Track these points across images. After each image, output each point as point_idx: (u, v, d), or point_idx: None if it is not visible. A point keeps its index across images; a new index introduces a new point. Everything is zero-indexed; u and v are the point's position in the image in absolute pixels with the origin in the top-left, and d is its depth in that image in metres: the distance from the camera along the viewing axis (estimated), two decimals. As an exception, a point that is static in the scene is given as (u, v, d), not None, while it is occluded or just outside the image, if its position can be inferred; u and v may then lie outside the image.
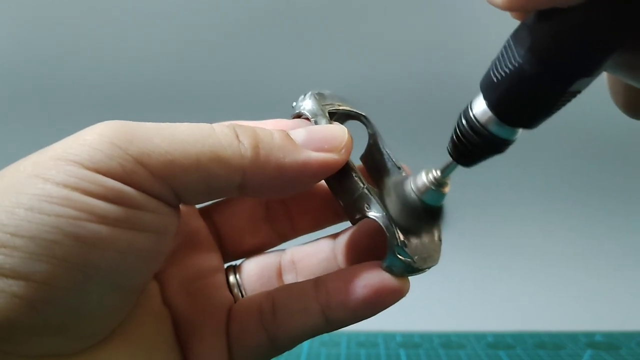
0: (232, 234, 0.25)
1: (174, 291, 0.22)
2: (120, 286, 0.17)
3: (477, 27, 0.62)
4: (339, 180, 0.21)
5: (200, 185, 0.18)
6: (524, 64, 0.15)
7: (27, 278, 0.15)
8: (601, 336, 0.43)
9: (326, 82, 0.63)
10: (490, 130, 0.17)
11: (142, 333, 0.20)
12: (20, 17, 0.63)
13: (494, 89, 0.16)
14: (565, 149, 0.65)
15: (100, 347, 0.18)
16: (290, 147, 0.19)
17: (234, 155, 0.18)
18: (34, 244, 0.15)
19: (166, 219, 0.18)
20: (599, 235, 0.61)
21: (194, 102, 0.64)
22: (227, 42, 0.64)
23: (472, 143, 0.18)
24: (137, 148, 0.17)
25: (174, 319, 0.21)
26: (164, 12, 0.63)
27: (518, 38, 0.16)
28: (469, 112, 0.18)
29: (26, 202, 0.15)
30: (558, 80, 0.15)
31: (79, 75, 0.64)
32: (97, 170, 0.16)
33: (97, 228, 0.16)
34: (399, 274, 0.20)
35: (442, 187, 0.20)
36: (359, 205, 0.20)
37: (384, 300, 0.20)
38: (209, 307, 0.22)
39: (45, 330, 0.16)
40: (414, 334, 0.43)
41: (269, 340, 0.21)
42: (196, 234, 0.24)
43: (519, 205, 0.64)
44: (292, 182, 0.19)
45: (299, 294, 0.21)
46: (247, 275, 0.24)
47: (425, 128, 0.63)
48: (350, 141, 0.21)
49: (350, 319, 0.20)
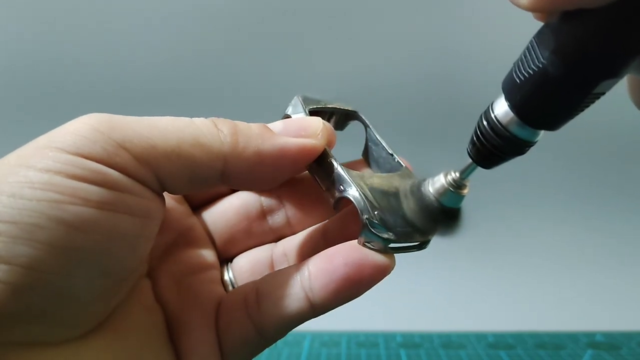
0: (228, 233, 0.25)
1: (166, 287, 0.22)
2: (106, 271, 0.17)
3: (480, 27, 0.62)
4: (318, 167, 0.22)
5: (182, 172, 0.18)
6: (548, 65, 0.15)
7: (10, 262, 0.15)
8: (601, 336, 0.43)
9: (325, 83, 0.63)
10: (512, 131, 0.17)
11: (133, 327, 0.20)
12: (20, 20, 0.64)
13: (516, 90, 0.16)
14: (566, 149, 0.65)
15: (90, 338, 0.18)
16: (268, 134, 0.20)
17: (213, 142, 0.18)
18: (17, 228, 0.15)
19: (150, 204, 0.18)
20: (599, 236, 0.61)
21: (192, 103, 0.64)
22: (225, 44, 0.64)
23: (493, 144, 0.18)
24: (120, 134, 0.17)
25: (166, 314, 0.21)
26: (164, 13, 0.63)
27: (542, 39, 0.15)
28: (490, 113, 0.18)
29: (8, 190, 0.15)
30: (583, 82, 0.15)
31: (75, 77, 0.64)
32: (80, 155, 0.16)
33: (81, 210, 0.16)
34: (380, 249, 0.19)
35: (461, 189, 0.20)
36: (337, 186, 0.21)
37: (367, 277, 0.19)
38: (199, 301, 0.22)
39: (31, 317, 0.16)
40: (415, 334, 0.43)
41: (256, 330, 0.20)
42: (189, 232, 0.24)
43: (519, 206, 0.64)
44: (272, 169, 0.20)
45: (282, 280, 0.20)
46: (239, 271, 0.24)
47: (427, 128, 0.63)
48: (325, 128, 0.21)
49: (335, 301, 0.20)
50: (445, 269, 0.54)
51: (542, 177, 0.65)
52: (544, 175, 0.65)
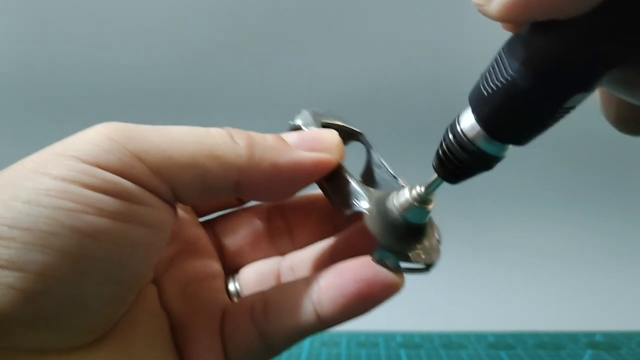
0: (233, 247, 0.25)
1: (172, 294, 0.22)
2: (117, 279, 0.17)
3: (476, 30, 0.62)
4: (331, 181, 0.21)
5: (197, 183, 0.18)
6: (518, 78, 0.14)
7: (23, 269, 0.15)
8: (601, 336, 0.43)
9: (325, 83, 0.63)
10: (479, 146, 0.16)
11: (139, 333, 0.20)
12: (20, 21, 0.63)
13: (484, 104, 0.16)
14: (566, 149, 0.65)
15: (97, 345, 0.18)
16: (284, 147, 0.20)
17: (229, 154, 0.18)
18: (31, 235, 0.15)
19: (163, 215, 0.18)
20: (599, 236, 0.61)
21: (191, 104, 0.64)
22: (224, 45, 0.64)
23: (459, 159, 0.17)
24: (135, 145, 0.17)
25: (172, 321, 0.22)
26: (163, 15, 0.63)
27: (511, 50, 0.15)
28: (456, 127, 0.17)
29: (24, 196, 0.15)
30: (553, 96, 0.14)
31: (75, 77, 0.64)
32: (96, 164, 0.16)
33: (94, 220, 0.16)
34: (392, 267, 0.19)
35: (426, 204, 0.19)
36: (349, 201, 0.20)
37: (377, 294, 0.19)
38: (205, 309, 0.22)
39: (41, 323, 0.16)
40: (415, 334, 0.43)
41: (261, 339, 0.20)
42: (196, 242, 0.24)
43: (519, 206, 0.64)
44: (287, 182, 0.20)
45: (291, 292, 0.20)
46: (246, 281, 0.25)
47: (421, 134, 0.63)
48: (340, 142, 0.21)
49: (343, 316, 0.19)
50: (446, 269, 0.54)
51: (543, 177, 0.65)
52: (545, 175, 0.65)
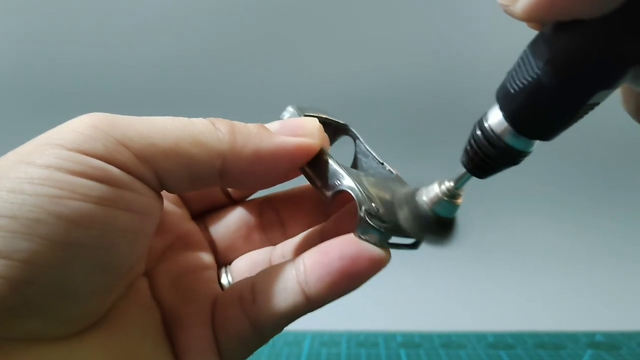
0: (226, 241, 0.25)
1: (163, 285, 0.22)
2: (104, 266, 0.17)
3: (479, 32, 0.62)
4: (313, 166, 0.22)
5: (181, 170, 0.18)
6: (543, 76, 0.15)
7: (9, 257, 0.15)
8: (601, 336, 0.43)
9: (324, 84, 0.63)
10: (506, 141, 0.17)
11: (130, 324, 0.20)
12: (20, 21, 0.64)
13: (510, 100, 0.16)
14: (566, 150, 0.65)
15: (88, 334, 0.18)
16: (266, 133, 0.20)
17: (212, 140, 0.19)
18: (17, 223, 0.15)
19: (149, 201, 0.18)
20: (599, 236, 0.61)
21: (190, 104, 0.64)
22: (223, 45, 0.64)
23: (486, 154, 0.18)
24: (120, 132, 0.17)
25: (163, 312, 0.22)
26: (162, 15, 0.63)
27: (536, 49, 0.15)
28: (484, 123, 0.17)
29: (8, 185, 0.15)
30: (577, 94, 0.15)
31: (75, 78, 0.64)
32: (80, 151, 0.16)
33: (80, 206, 0.16)
34: (376, 243, 0.19)
35: (455, 198, 0.20)
36: (332, 182, 0.21)
37: (362, 270, 0.19)
38: (195, 299, 0.22)
39: (29, 312, 0.16)
40: (415, 334, 0.43)
41: (251, 325, 0.20)
42: (188, 236, 0.25)
43: (519, 206, 0.64)
44: (271, 167, 0.20)
45: (277, 275, 0.20)
46: (238, 272, 0.25)
47: (421, 134, 0.63)
48: (321, 128, 0.22)
49: (331, 294, 0.19)
50: (445, 269, 0.54)
51: (543, 177, 0.65)
52: (545, 175, 0.65)
